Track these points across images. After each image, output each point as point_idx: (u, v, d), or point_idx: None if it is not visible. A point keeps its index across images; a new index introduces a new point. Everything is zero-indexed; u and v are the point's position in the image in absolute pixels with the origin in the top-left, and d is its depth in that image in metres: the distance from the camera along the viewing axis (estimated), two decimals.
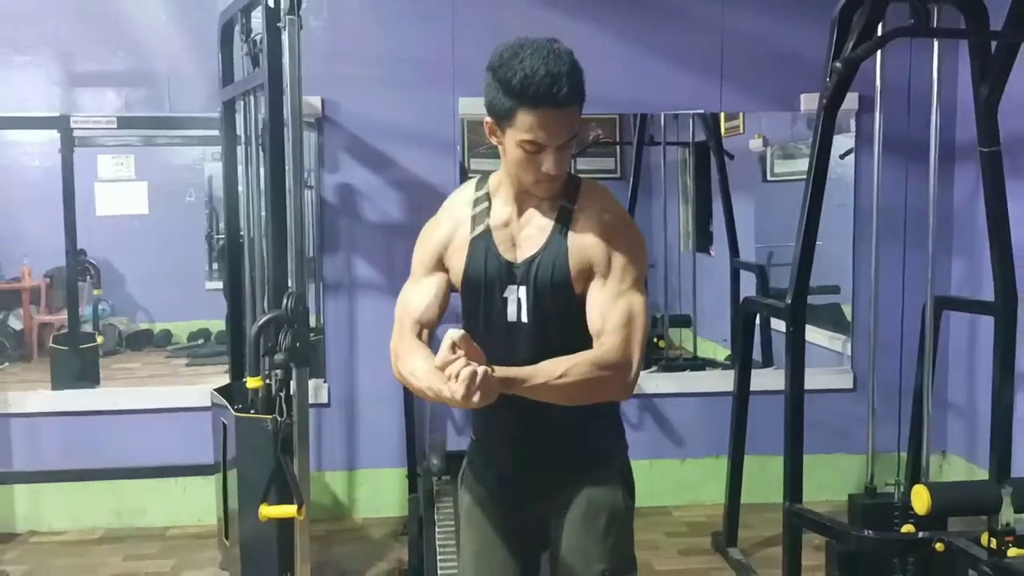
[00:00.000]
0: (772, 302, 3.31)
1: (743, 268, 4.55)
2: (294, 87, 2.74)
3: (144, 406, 3.89)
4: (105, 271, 4.46)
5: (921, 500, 2.56)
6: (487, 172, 1.76)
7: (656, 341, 4.64)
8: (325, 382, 3.96)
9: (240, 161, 3.42)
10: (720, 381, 4.01)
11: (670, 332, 4.69)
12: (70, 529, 3.87)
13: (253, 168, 3.29)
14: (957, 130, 3.99)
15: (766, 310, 3.51)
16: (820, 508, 3.18)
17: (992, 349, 2.97)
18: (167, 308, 4.85)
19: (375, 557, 3.62)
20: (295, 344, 2.74)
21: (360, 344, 3.96)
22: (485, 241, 1.68)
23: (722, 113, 4.39)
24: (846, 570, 3.05)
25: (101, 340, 4.43)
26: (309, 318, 2.93)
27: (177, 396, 3.91)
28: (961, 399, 4.14)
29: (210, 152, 4.25)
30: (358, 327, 3.96)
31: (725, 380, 3.79)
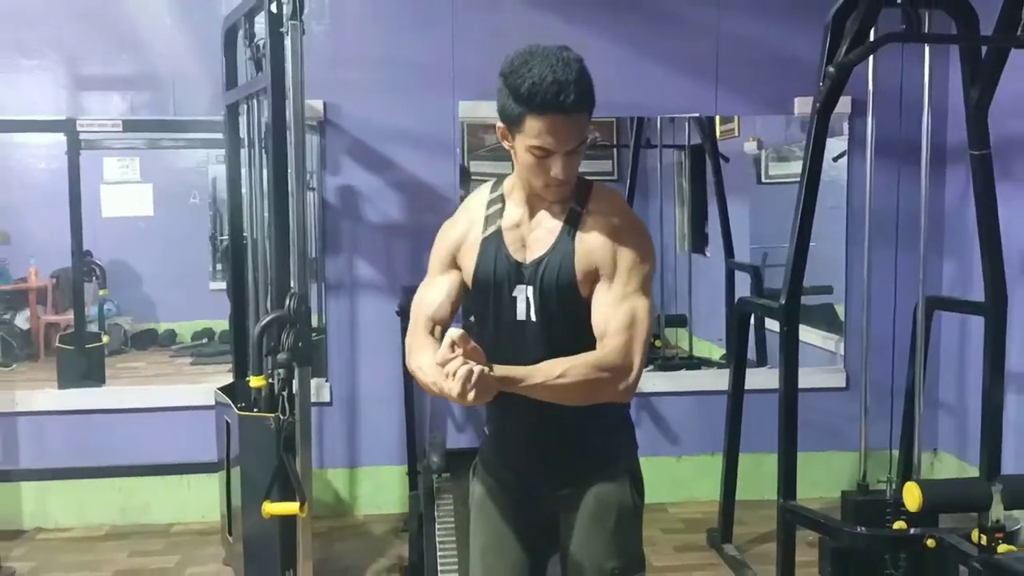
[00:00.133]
0: (766, 302, 3.30)
1: (738, 269, 4.55)
2: (296, 91, 2.75)
3: (149, 405, 3.90)
4: (110, 272, 4.45)
5: (913, 497, 2.57)
6: (502, 175, 1.77)
7: (653, 340, 4.63)
8: (327, 381, 3.97)
9: (243, 164, 3.43)
10: (715, 380, 4.02)
11: (666, 331, 4.69)
12: (76, 526, 3.87)
13: (256, 170, 3.30)
14: (948, 133, 4.00)
15: (761, 310, 3.51)
16: (813, 505, 3.18)
17: (982, 348, 2.98)
18: (172, 308, 4.84)
19: (376, 553, 3.63)
20: (297, 344, 2.75)
21: (361, 344, 3.97)
22: (496, 241, 1.70)
23: (717, 116, 4.39)
24: (839, 566, 3.06)
25: (107, 340, 4.42)
26: (311, 318, 2.93)
27: (181, 395, 3.91)
28: (952, 398, 4.15)
29: (214, 155, 4.25)
30: (359, 327, 3.96)
31: (720, 379, 3.80)
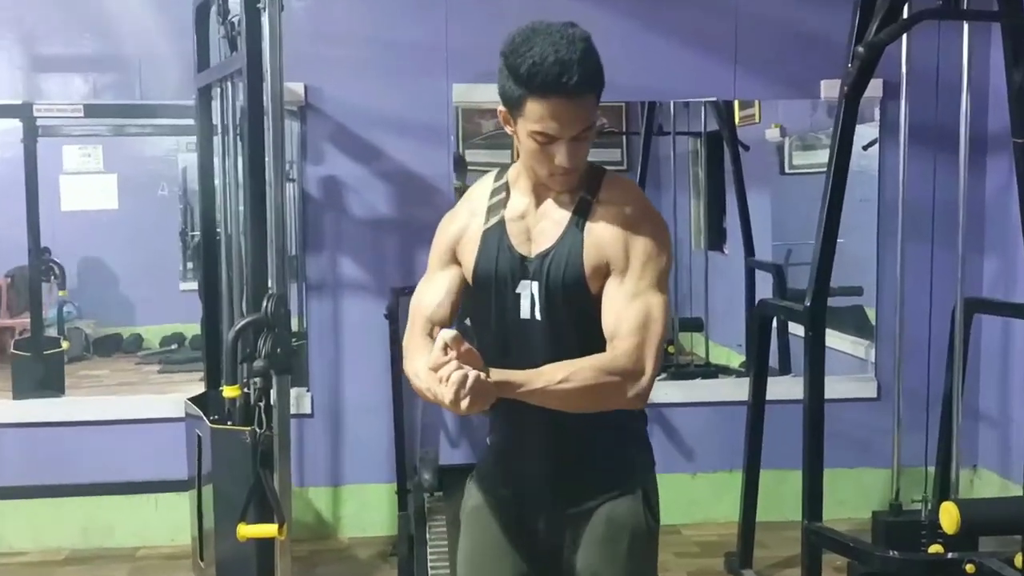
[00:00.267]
0: (790, 304, 3.31)
1: (759, 268, 4.56)
2: (275, 72, 2.75)
3: (113, 417, 3.89)
4: (71, 271, 4.46)
5: (950, 518, 2.57)
6: (504, 165, 1.77)
7: (665, 347, 4.63)
8: (308, 391, 3.96)
9: (216, 152, 3.43)
10: (734, 389, 4.01)
11: (680, 337, 4.70)
12: (31, 550, 3.86)
13: (231, 160, 3.30)
14: (989, 119, 4.00)
15: (783, 313, 3.51)
16: (841, 526, 3.19)
17: None
18: (138, 311, 4.85)
19: None
20: (275, 350, 2.74)
21: (346, 350, 3.96)
22: (498, 233, 1.69)
23: (736, 101, 4.39)
24: None
25: (66, 345, 4.43)
26: (290, 322, 2.92)
27: (148, 406, 3.91)
28: (994, 409, 4.14)
29: (184, 142, 4.26)
30: (343, 331, 3.96)
31: (739, 388, 3.79)
